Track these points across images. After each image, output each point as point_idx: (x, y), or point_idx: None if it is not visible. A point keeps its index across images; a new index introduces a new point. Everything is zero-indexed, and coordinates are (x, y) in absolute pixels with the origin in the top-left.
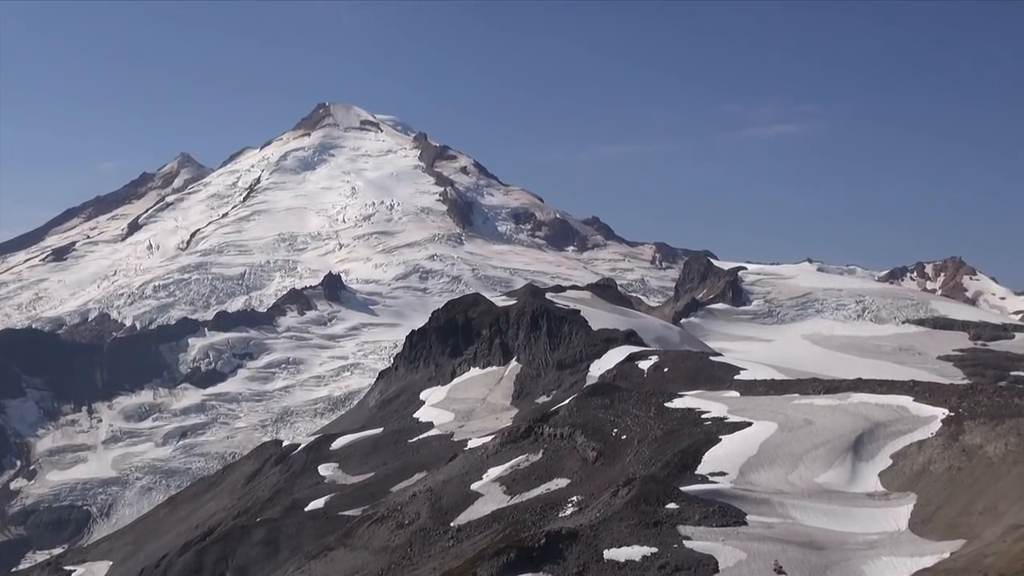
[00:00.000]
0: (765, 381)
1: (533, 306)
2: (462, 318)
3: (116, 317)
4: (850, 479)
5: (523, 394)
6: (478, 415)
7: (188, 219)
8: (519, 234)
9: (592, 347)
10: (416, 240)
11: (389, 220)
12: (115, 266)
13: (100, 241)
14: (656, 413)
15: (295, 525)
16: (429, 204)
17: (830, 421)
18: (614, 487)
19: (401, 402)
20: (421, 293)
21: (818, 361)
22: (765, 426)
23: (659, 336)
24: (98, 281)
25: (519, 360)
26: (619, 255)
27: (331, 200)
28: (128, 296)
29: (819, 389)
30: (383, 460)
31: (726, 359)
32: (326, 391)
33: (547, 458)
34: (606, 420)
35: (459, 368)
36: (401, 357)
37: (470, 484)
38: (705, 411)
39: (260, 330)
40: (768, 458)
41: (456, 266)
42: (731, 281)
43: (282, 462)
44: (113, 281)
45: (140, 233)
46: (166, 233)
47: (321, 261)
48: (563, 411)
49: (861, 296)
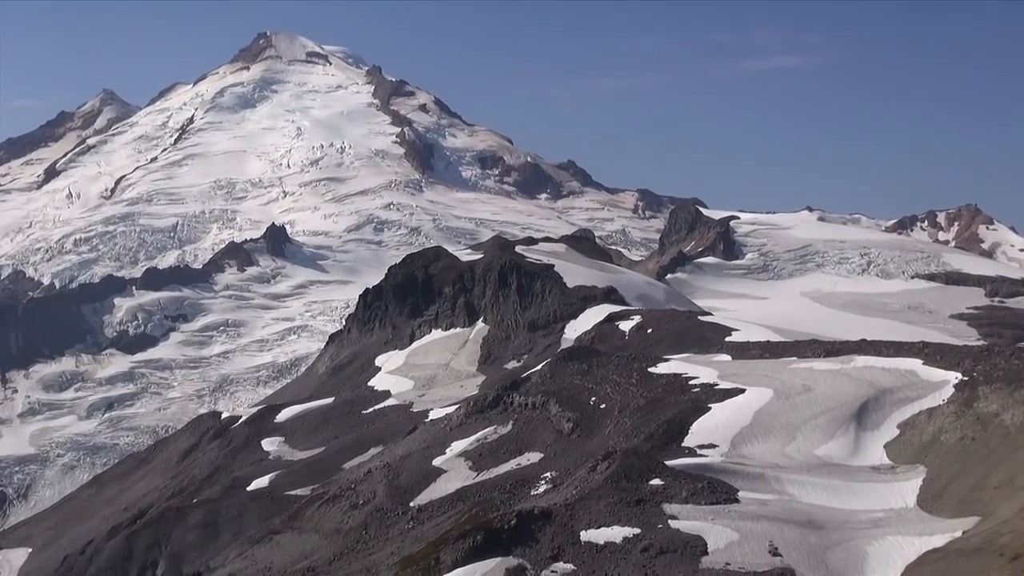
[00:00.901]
0: (759, 343)
1: (501, 261)
2: (422, 274)
3: (32, 275)
4: (853, 451)
5: (490, 359)
6: (440, 382)
7: (112, 164)
8: (485, 180)
9: (567, 306)
10: (370, 187)
11: (339, 165)
12: (30, 217)
13: (13, 189)
14: (639, 379)
15: (236, 506)
16: (384, 146)
17: (831, 387)
18: (592, 462)
19: (354, 369)
20: (376, 247)
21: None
22: (759, 393)
23: (642, 294)
24: (11, 234)
25: (486, 321)
26: (597, 203)
27: (274, 142)
28: (46, 251)
29: (819, 352)
30: (334, 433)
31: (716, 319)
32: (270, 357)
33: (517, 430)
34: (583, 387)
35: (419, 330)
36: (354, 318)
37: (432, 459)
38: (693, 377)
39: (195, 289)
40: (763, 429)
41: (415, 216)
42: (722, 232)
43: (221, 436)
44: (28, 234)
45: (58, 180)
46: (87, 180)
47: (263, 211)
48: (535, 378)
49: (866, 248)
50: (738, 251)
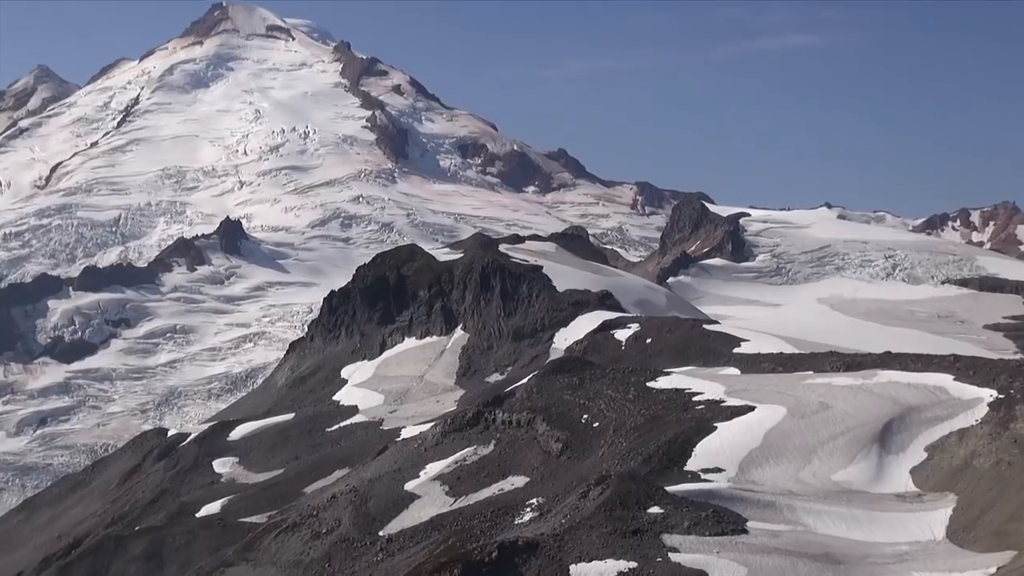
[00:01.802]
0: (771, 356)
1: (483, 261)
2: (394, 276)
3: None
4: (875, 477)
5: (470, 371)
6: (414, 397)
7: (47, 149)
8: (466, 170)
9: (557, 312)
10: (336, 177)
11: (303, 152)
12: None
13: None
14: (636, 395)
15: (184, 535)
16: (353, 132)
17: (851, 405)
18: (583, 487)
19: (317, 381)
20: (343, 244)
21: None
22: (771, 411)
23: (640, 299)
24: None
25: (466, 328)
26: (592, 197)
27: (229, 126)
28: None
29: (838, 365)
30: (294, 454)
31: (724, 328)
32: (223, 367)
33: (500, 451)
34: (574, 404)
35: (390, 338)
36: (317, 325)
37: (404, 484)
38: (697, 393)
39: (139, 290)
40: (774, 451)
41: (387, 210)
42: (731, 231)
43: (167, 456)
44: None
45: None
46: (19, 167)
47: (217, 203)
48: (520, 392)
49: (891, 250)
50: (748, 252)
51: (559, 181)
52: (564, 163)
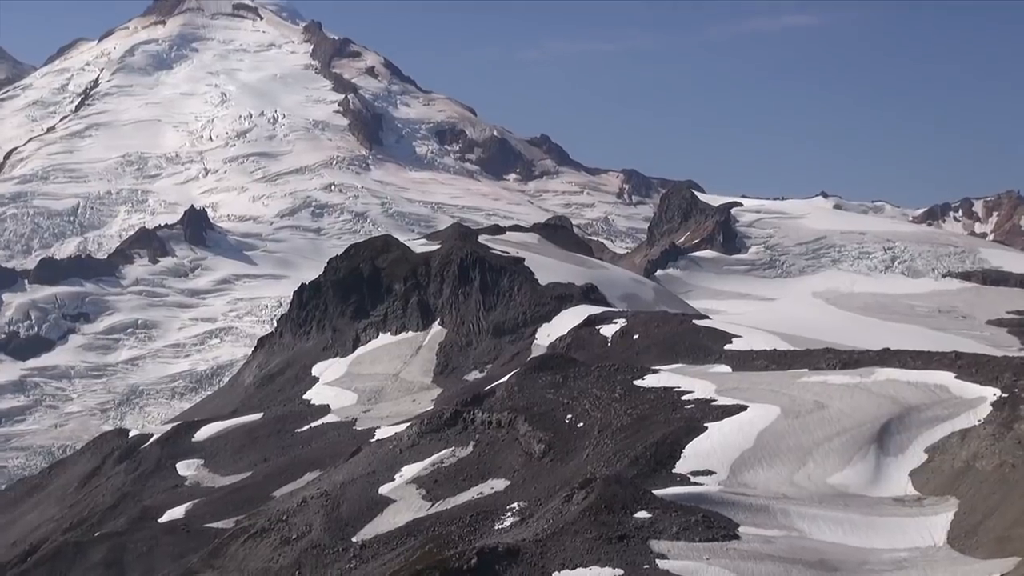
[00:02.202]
0: (764, 352)
1: (462, 252)
2: (368, 268)
3: None
4: (873, 479)
5: (448, 368)
6: (389, 396)
7: (1, 134)
8: (444, 157)
9: (539, 307)
10: (307, 164)
11: (271, 138)
12: None
13: None
14: (622, 394)
15: (146, 541)
16: (324, 117)
17: (848, 404)
18: (567, 490)
19: (287, 379)
20: (314, 235)
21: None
22: (764, 411)
23: (627, 292)
24: None
25: (443, 324)
26: (576, 186)
27: (194, 110)
28: None
29: (834, 363)
30: (263, 456)
31: (714, 323)
32: (187, 364)
33: (479, 453)
34: (557, 403)
35: (364, 334)
36: (287, 320)
37: (378, 487)
38: (686, 391)
39: (99, 283)
40: (767, 452)
41: (360, 199)
42: (722, 221)
43: (128, 459)
44: None
45: None
46: None
47: (180, 192)
48: (501, 391)
49: (890, 242)
50: (740, 244)
51: (541, 168)
52: (547, 149)
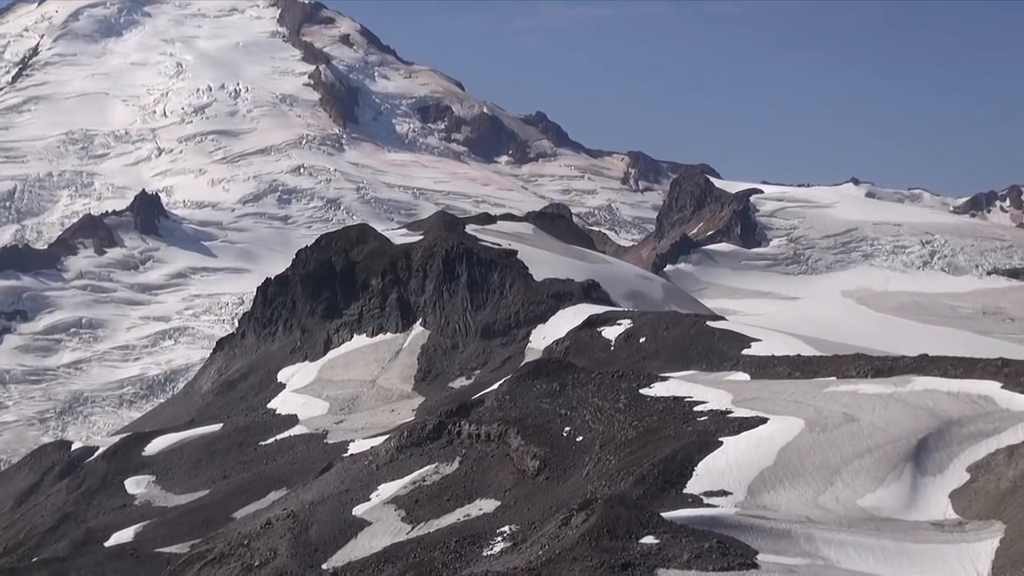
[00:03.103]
0: (787, 358)
1: (447, 244)
2: (341, 261)
3: None
4: (909, 502)
5: (431, 375)
6: (365, 405)
7: None
8: (427, 137)
9: (534, 306)
10: (273, 144)
11: (233, 114)
12: None
13: None
14: (627, 404)
15: (90, 568)
16: (293, 90)
17: (881, 417)
18: (565, 512)
19: (250, 386)
20: (281, 224)
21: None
22: (787, 424)
23: (633, 290)
24: None
25: (426, 324)
26: (576, 170)
27: (146, 83)
28: None
29: (866, 370)
30: (222, 472)
31: (731, 325)
32: (137, 369)
33: (466, 469)
34: (553, 414)
35: (337, 335)
36: (250, 319)
37: (352, 508)
38: (699, 401)
39: (38, 277)
40: (790, 470)
41: (333, 183)
42: (740, 211)
43: (71, 474)
44: None
45: None
46: None
47: (130, 174)
48: (490, 400)
49: (929, 234)
50: (760, 236)
51: (537, 150)
52: (543, 129)
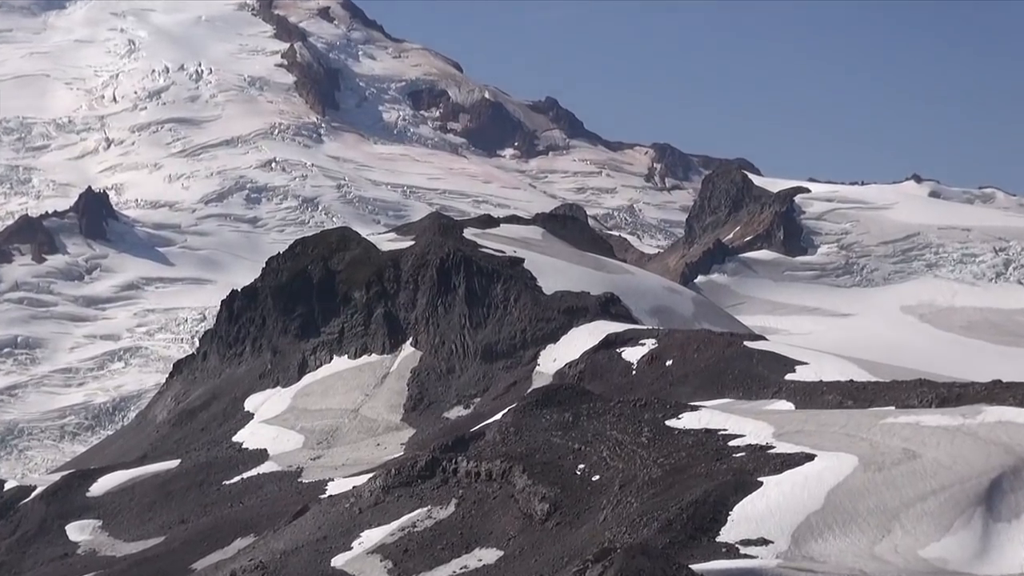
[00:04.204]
0: (838, 385)
1: (442, 251)
2: (319, 271)
3: None
4: (979, 552)
5: (423, 403)
6: (346, 438)
7: None
8: (419, 126)
9: (543, 323)
10: (241, 135)
11: (194, 99)
12: None
13: None
14: (652, 437)
15: None
16: (264, 72)
17: (947, 454)
18: (579, 564)
19: (212, 416)
20: (249, 227)
21: (929, 351)
22: (837, 461)
23: (658, 305)
24: None
25: (417, 344)
26: (593, 165)
27: (93, 63)
28: None
29: (930, 399)
30: (180, 516)
31: (772, 346)
32: (81, 396)
33: (464, 514)
34: (565, 449)
35: (313, 357)
36: (213, 338)
37: (330, 558)
38: (735, 434)
39: None
40: (841, 515)
41: (310, 180)
42: (783, 212)
43: (3, 518)
44: None
45: None
46: None
47: (75, 169)
48: (492, 433)
49: (1003, 240)
50: (807, 242)
51: (547, 142)
52: (554, 117)
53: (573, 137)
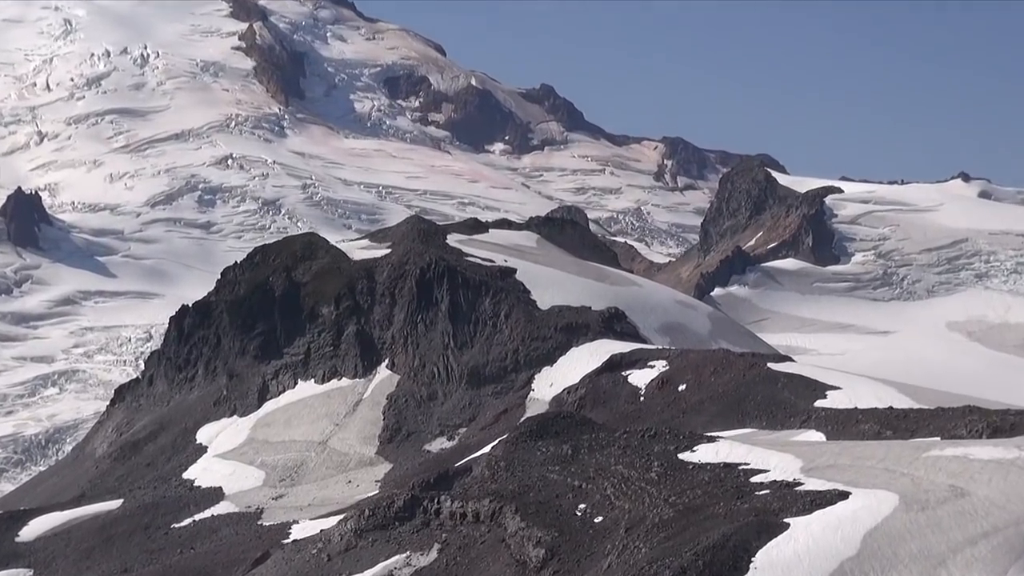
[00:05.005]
0: (875, 412)
1: (423, 261)
2: (282, 283)
3: None
4: None
5: (401, 433)
6: (312, 474)
7: None
8: (396, 118)
9: (538, 342)
10: (193, 127)
11: (139, 87)
12: None
13: None
14: (663, 473)
15: None
16: (220, 56)
17: (1000, 491)
18: None
19: (160, 449)
20: (202, 233)
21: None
22: (875, 499)
23: (670, 322)
24: None
25: (394, 367)
26: (594, 162)
27: (23, 45)
28: None
29: (980, 428)
30: (122, 563)
31: (800, 368)
32: (10, 427)
33: (448, 560)
34: (564, 487)
35: (275, 382)
36: (160, 360)
37: None
38: (758, 469)
39: None
40: (880, 562)
41: (272, 179)
42: (812, 216)
43: None
44: None
45: None
46: None
47: (1, 167)
48: (480, 468)
49: None
50: (839, 249)
51: (542, 135)
52: (550, 107)
53: (572, 130)
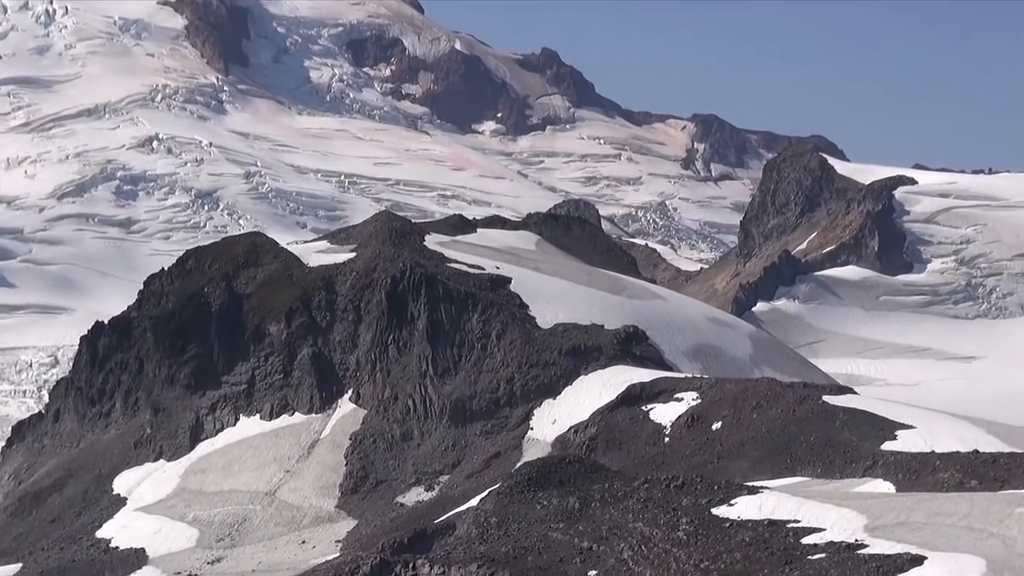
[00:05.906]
0: (957, 457)
1: (396, 268)
2: (221, 295)
3: None
4: None
5: (368, 482)
6: (258, 532)
7: None
8: (362, 90)
9: (538, 369)
10: (109, 101)
11: (43, 51)
12: None
13: None
14: (693, 532)
15: None
16: (143, 13)
17: None
18: None
19: (68, 501)
20: (120, 232)
21: None
22: (957, 565)
23: (702, 344)
24: None
25: (360, 400)
26: (608, 145)
27: None
28: None
29: None
30: None
31: (863, 402)
32: None
33: None
34: (570, 548)
35: (212, 418)
36: (70, 390)
37: None
38: (812, 528)
39: None
40: None
41: (208, 166)
42: (878, 212)
43: None
44: None
45: None
46: None
47: None
48: (467, 526)
49: None
50: (912, 254)
51: (544, 112)
52: (553, 77)
53: (580, 106)
